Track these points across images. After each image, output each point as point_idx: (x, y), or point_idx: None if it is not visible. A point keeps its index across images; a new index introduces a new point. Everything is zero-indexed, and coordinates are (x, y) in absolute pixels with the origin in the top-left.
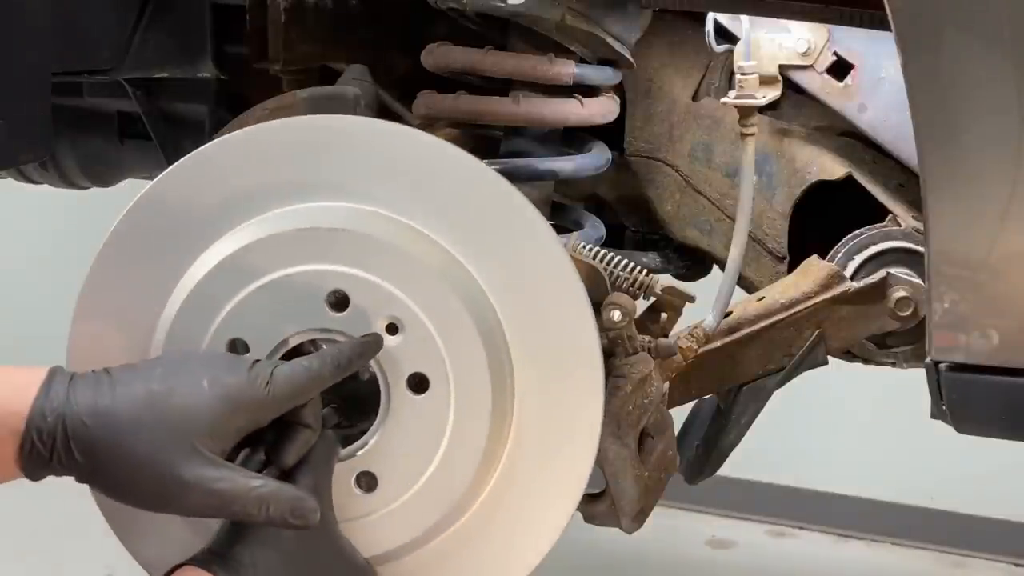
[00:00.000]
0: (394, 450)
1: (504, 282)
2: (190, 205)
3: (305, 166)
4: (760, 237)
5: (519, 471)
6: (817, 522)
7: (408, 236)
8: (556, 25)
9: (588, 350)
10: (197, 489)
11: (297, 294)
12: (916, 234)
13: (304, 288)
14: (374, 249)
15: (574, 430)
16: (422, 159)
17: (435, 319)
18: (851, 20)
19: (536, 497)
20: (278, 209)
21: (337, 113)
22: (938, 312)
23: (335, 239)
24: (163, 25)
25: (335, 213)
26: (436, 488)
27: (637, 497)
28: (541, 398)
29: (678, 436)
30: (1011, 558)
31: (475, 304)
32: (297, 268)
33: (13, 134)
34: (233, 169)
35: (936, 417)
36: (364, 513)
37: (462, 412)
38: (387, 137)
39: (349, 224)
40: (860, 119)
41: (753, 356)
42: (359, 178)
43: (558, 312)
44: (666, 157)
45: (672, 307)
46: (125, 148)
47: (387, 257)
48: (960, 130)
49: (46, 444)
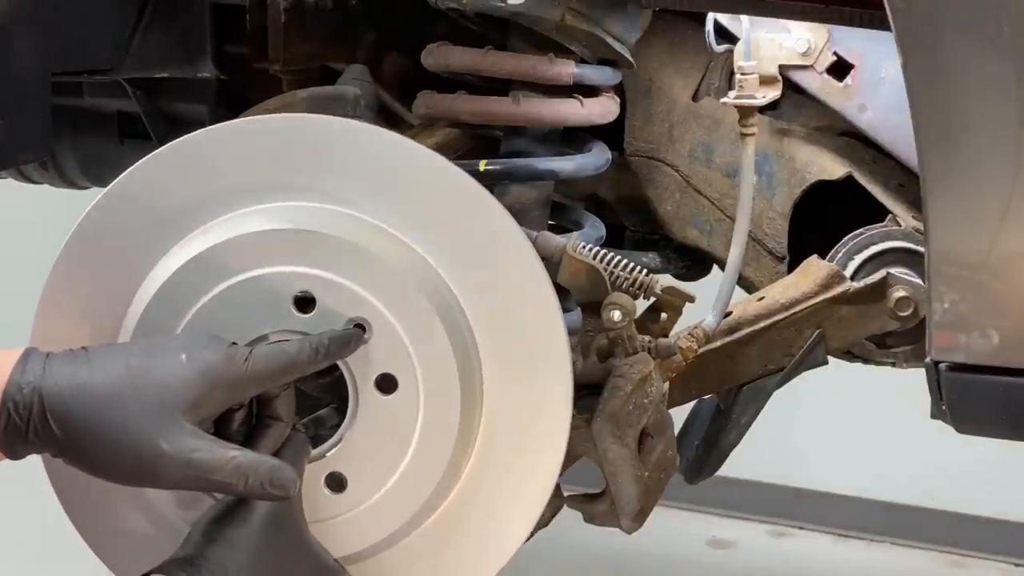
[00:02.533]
0: (363, 451)
1: (472, 281)
2: (153, 204)
3: (271, 166)
4: (760, 237)
5: (489, 469)
6: (817, 522)
7: (374, 236)
8: (556, 25)
9: (556, 347)
10: (175, 460)
11: (263, 296)
12: (916, 234)
13: (270, 290)
14: (340, 250)
15: (544, 427)
16: (387, 158)
17: (403, 319)
18: (851, 20)
19: (507, 493)
20: (242, 210)
21: (337, 113)
22: (938, 312)
23: (300, 240)
24: (163, 25)
25: (300, 214)
26: (406, 487)
27: (637, 497)
28: (510, 396)
29: (678, 436)
30: (1011, 558)
31: (443, 303)
32: (262, 270)
33: (13, 134)
34: (197, 168)
35: (936, 417)
36: (334, 514)
37: (431, 411)
38: (353, 136)
39: (314, 225)
40: (860, 119)
41: (753, 356)
42: (325, 178)
43: (526, 310)
44: (666, 157)
45: (672, 307)
46: (125, 148)
47: (353, 258)
48: (960, 130)
49: (22, 417)
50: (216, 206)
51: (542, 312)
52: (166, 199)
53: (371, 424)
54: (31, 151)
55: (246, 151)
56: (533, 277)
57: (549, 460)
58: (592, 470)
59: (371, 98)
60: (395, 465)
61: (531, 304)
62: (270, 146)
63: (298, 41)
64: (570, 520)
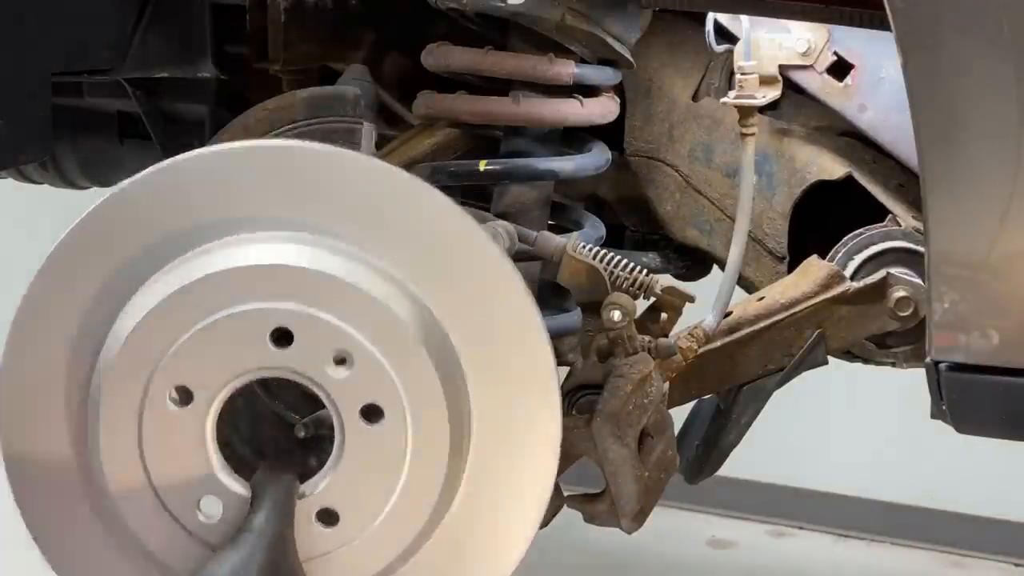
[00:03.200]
0: (354, 482)
1: (456, 305)
2: (115, 244)
3: (238, 198)
4: (760, 237)
5: (482, 490)
6: (817, 522)
7: (350, 265)
8: (556, 25)
9: (544, 369)
10: None
11: (239, 334)
12: (916, 234)
13: (246, 327)
14: (315, 282)
15: (533, 448)
16: (361, 183)
17: (384, 347)
18: (851, 20)
19: (501, 513)
20: (212, 245)
21: (337, 113)
22: (938, 312)
23: (273, 276)
24: (163, 25)
25: (272, 248)
26: (400, 515)
27: (637, 497)
28: (499, 419)
29: (678, 436)
30: (1010, 558)
31: (426, 328)
32: (236, 308)
33: (13, 134)
34: (159, 204)
35: (936, 417)
36: (329, 549)
37: (419, 437)
38: (326, 162)
39: (288, 259)
40: (860, 119)
41: (753, 356)
42: (294, 207)
43: (512, 332)
44: (666, 157)
45: (672, 307)
46: (125, 148)
47: (329, 289)
48: (960, 130)
49: None
50: (183, 244)
51: (528, 332)
52: (130, 237)
53: (360, 455)
54: (31, 151)
55: (214, 183)
56: (518, 297)
57: (541, 480)
58: (592, 470)
59: (371, 98)
60: (388, 494)
61: (517, 325)
62: (238, 177)
63: (298, 41)
64: (570, 520)
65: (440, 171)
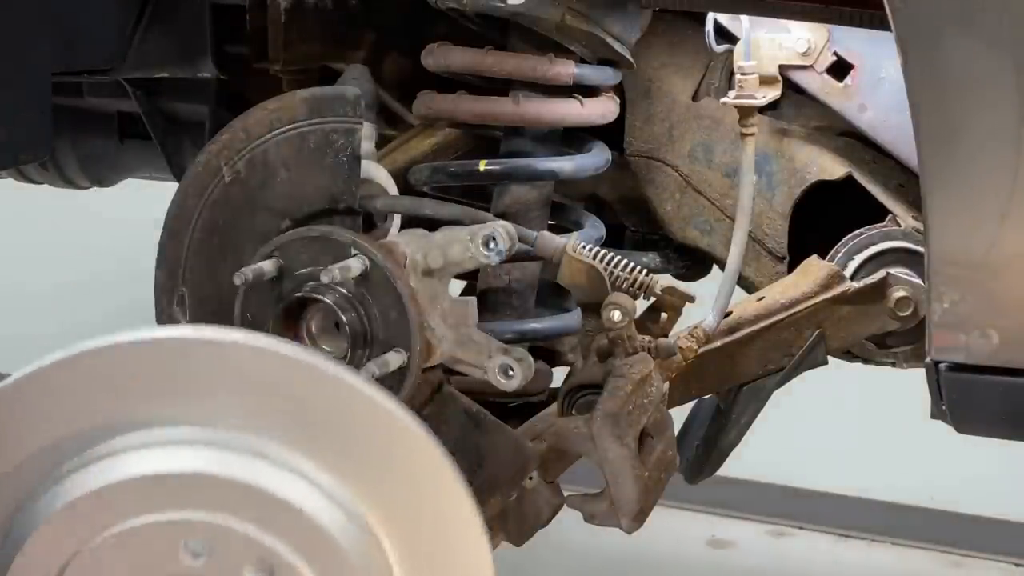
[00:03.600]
0: None
1: (387, 505)
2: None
3: (141, 397)
4: (760, 237)
5: None
6: (817, 522)
7: (264, 468)
8: (556, 25)
9: (482, 567)
10: None
11: (149, 545)
12: (916, 234)
13: (156, 540)
14: (228, 491)
15: None
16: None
17: (307, 555)
18: (851, 20)
19: None
20: (112, 445)
21: (337, 113)
22: (938, 312)
23: (181, 484)
24: (163, 25)
25: (178, 452)
26: None
27: (637, 497)
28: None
29: (678, 436)
30: (1010, 558)
31: (352, 534)
32: (142, 519)
33: (13, 134)
34: (52, 405)
35: (936, 417)
36: None
37: None
38: (229, 351)
39: (197, 466)
40: (860, 119)
41: (753, 356)
42: (200, 406)
43: (446, 528)
44: (666, 157)
45: (672, 307)
46: (125, 148)
47: (243, 497)
48: (960, 130)
49: None
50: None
51: (463, 529)
52: (24, 441)
53: None
54: (31, 151)
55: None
56: (448, 488)
57: None
58: (592, 470)
59: (371, 98)
60: None
61: (451, 521)
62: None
63: (298, 41)
64: (570, 520)
65: (440, 171)
